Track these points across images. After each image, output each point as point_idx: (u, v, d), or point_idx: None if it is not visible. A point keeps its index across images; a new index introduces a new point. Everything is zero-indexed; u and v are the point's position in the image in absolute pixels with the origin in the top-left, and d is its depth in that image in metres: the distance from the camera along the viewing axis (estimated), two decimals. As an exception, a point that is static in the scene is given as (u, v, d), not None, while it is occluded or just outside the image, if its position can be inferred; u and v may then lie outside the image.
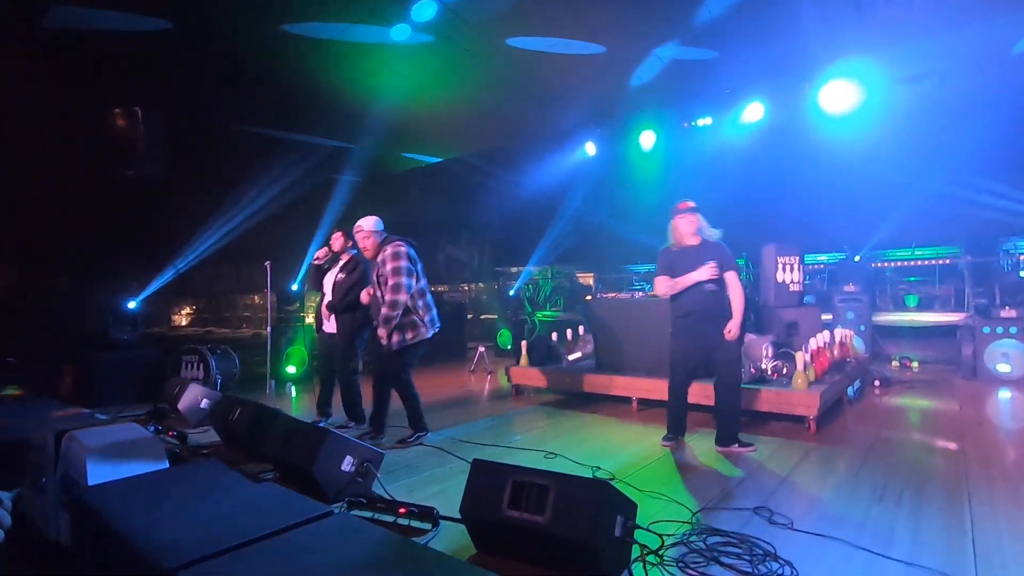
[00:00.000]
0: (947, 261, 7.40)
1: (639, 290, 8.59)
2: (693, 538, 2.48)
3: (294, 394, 6.73)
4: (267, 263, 6.74)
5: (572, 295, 9.92)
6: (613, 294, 6.70)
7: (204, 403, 4.82)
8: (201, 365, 6.14)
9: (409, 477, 3.48)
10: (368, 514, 2.77)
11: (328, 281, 4.77)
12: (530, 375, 5.98)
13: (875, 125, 6.97)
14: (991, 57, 6.19)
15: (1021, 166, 6.71)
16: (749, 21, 5.39)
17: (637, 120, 8.18)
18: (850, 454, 3.73)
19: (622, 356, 5.53)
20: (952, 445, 3.91)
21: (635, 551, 2.30)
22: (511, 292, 10.25)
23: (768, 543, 2.40)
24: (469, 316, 10.99)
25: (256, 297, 16.36)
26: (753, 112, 7.35)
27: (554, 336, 6.50)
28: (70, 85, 6.65)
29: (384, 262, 4.04)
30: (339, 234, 4.82)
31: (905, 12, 5.00)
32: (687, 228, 3.93)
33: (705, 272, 3.77)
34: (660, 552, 2.34)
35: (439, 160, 10.76)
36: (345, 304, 4.53)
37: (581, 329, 6.78)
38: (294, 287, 9.64)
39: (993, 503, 2.86)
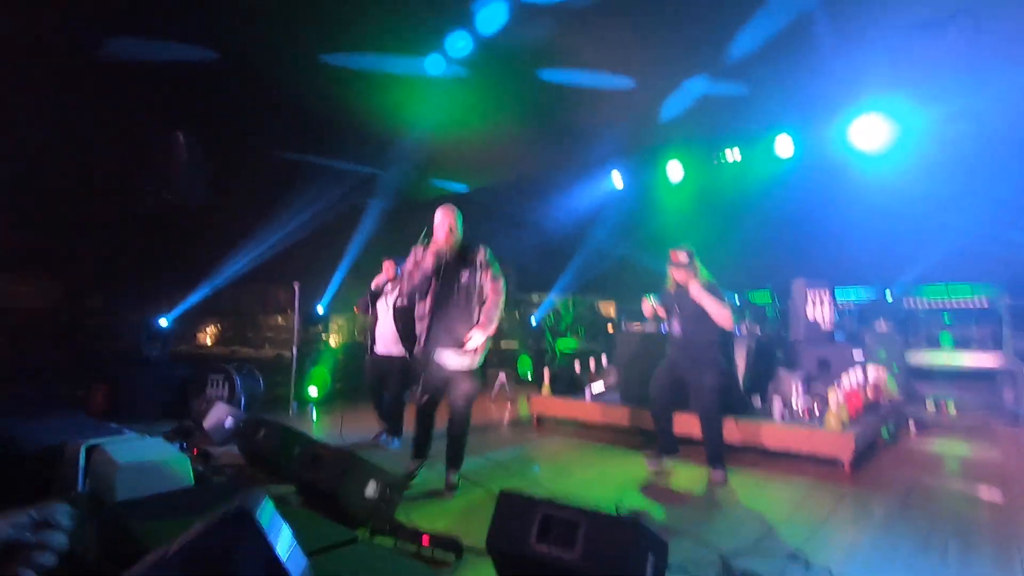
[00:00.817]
0: (985, 301, 7.17)
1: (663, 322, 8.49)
2: (726, 583, 2.38)
3: (315, 416, 6.74)
4: (295, 283, 6.85)
5: (594, 324, 9.85)
6: (637, 324, 6.63)
7: (229, 422, 4.85)
8: (227, 384, 6.20)
9: (431, 505, 3.43)
10: (391, 542, 2.73)
11: (384, 306, 5.00)
12: (553, 405, 5.91)
13: (908, 162, 6.87)
14: (1027, 96, 6.10)
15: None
16: (780, 57, 5.42)
17: (665, 153, 8.22)
18: (888, 500, 3.58)
19: (647, 390, 5.43)
20: (997, 497, 3.72)
21: (666, 594, 2.23)
22: (533, 320, 10.22)
23: (807, 592, 2.29)
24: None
25: (280, 318, 16.59)
26: (783, 147, 7.33)
27: (577, 366, 6.44)
28: (117, 112, 6.97)
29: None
30: (390, 263, 5.21)
31: (940, 53, 4.98)
32: (678, 277, 4.29)
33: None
34: (692, 596, 2.26)
35: (466, 189, 10.92)
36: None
37: (604, 359, 6.71)
38: (319, 309, 9.76)
39: (1046, 559, 2.70)
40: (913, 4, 4.55)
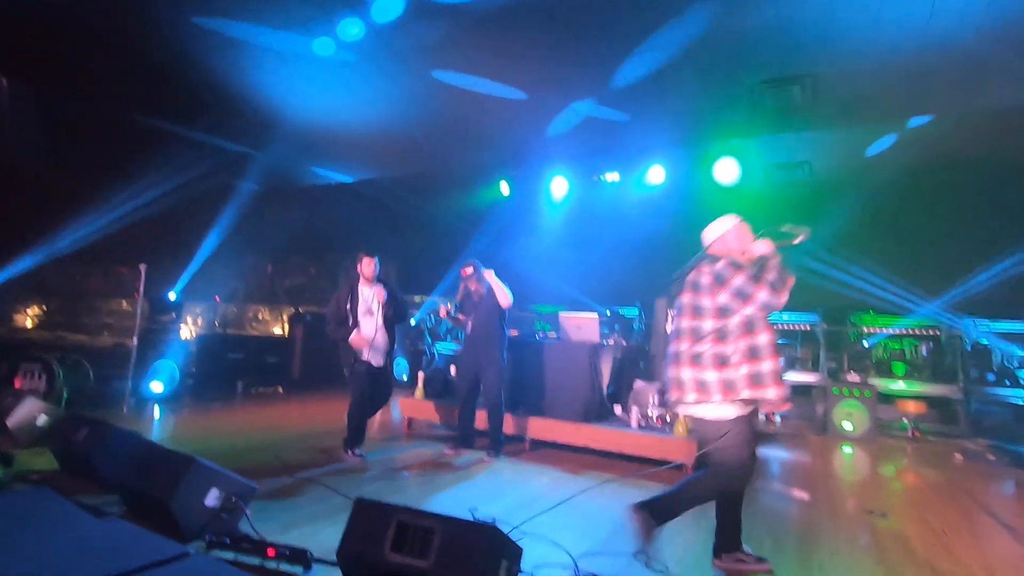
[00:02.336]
0: (808, 327, 8.32)
1: (540, 330, 8.78)
2: (575, 584, 2.49)
3: (157, 415, 6.03)
4: (142, 265, 6.11)
5: (474, 329, 9.91)
6: (514, 331, 6.78)
7: (42, 420, 4.17)
8: (44, 376, 5.34)
9: (285, 514, 3.21)
10: (231, 555, 2.50)
11: (369, 313, 4.69)
12: (424, 408, 5.83)
13: (753, 200, 7.80)
14: (851, 155, 7.22)
15: (866, 251, 7.78)
16: (657, 91, 5.87)
17: (551, 167, 8.54)
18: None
19: (518, 395, 5.56)
20: (805, 495, 4.31)
21: (517, 598, 2.27)
22: (412, 321, 10.05)
23: (645, 589, 2.46)
24: (366, 342, 10.58)
25: (124, 302, 14.70)
26: (655, 174, 7.95)
27: (452, 370, 6.42)
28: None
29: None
30: (371, 261, 4.79)
31: (785, 107, 5.72)
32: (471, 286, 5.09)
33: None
34: (542, 599, 2.32)
35: (350, 180, 10.47)
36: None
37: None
38: (172, 295, 8.78)
39: (836, 548, 3.17)
40: (762, 65, 5.16)
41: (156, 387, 6.76)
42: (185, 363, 7.22)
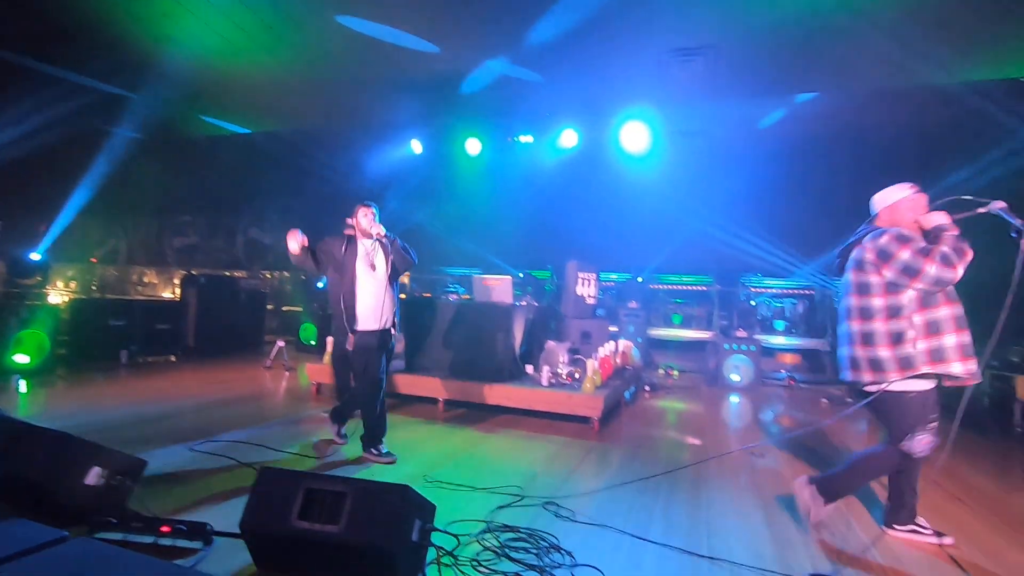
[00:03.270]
0: (704, 288, 8.95)
1: (453, 292, 8.75)
2: (487, 536, 2.57)
3: (24, 389, 5.40)
4: (-4, 222, 5.32)
5: (386, 292, 9.69)
6: (427, 294, 6.71)
7: None
8: None
9: (182, 489, 3.02)
10: (119, 536, 2.33)
11: (365, 270, 3.88)
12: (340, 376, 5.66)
13: (659, 167, 8.16)
14: (745, 127, 7.69)
15: (757, 217, 8.43)
16: (570, 53, 5.87)
17: (465, 126, 8.36)
18: (623, 450, 4.26)
19: (431, 357, 5.56)
20: (697, 441, 4.71)
21: (431, 553, 2.32)
22: (319, 284, 9.64)
23: (553, 536, 2.60)
24: (269, 307, 10.03)
25: (-24, 265, 12.83)
26: (568, 138, 8.03)
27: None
28: None
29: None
30: (368, 211, 4.00)
31: (689, 77, 5.95)
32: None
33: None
34: (455, 552, 2.39)
35: (247, 131, 9.65)
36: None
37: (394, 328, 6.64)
38: (34, 255, 7.77)
39: (722, 485, 3.51)
40: (670, 32, 5.31)
41: (21, 359, 6.03)
42: (56, 332, 6.46)
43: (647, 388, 7.01)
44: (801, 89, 6.55)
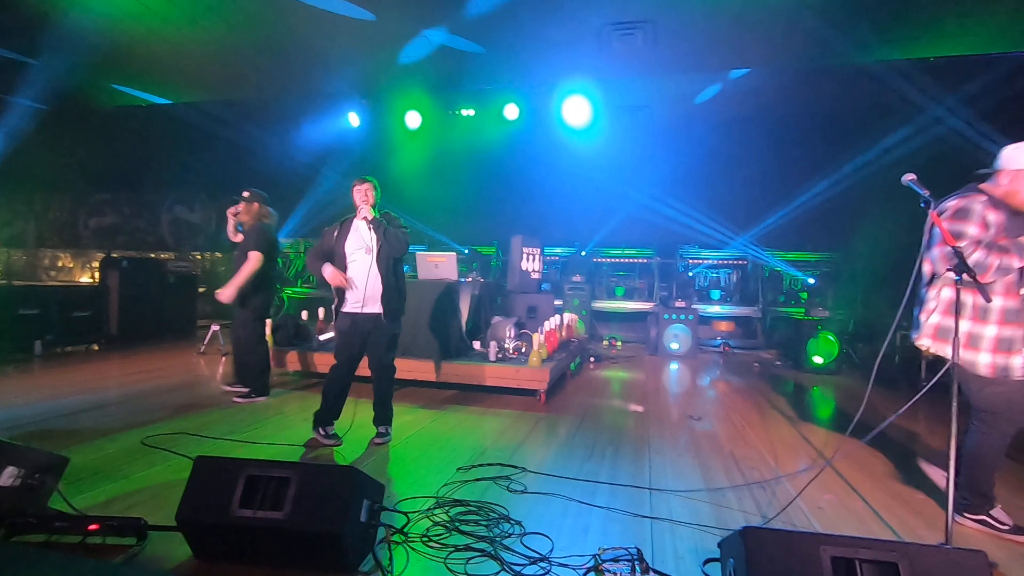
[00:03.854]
0: (645, 260, 9.20)
1: (397, 270, 8.59)
2: (437, 511, 2.59)
3: (-80, 388, 4.91)
4: None
5: (326, 272, 9.41)
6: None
7: None
8: None
9: (111, 484, 2.86)
10: (42, 538, 2.18)
11: (361, 251, 3.73)
12: (275, 357, 5.48)
13: (601, 141, 8.24)
14: (684, 102, 7.86)
15: (694, 191, 8.69)
16: (510, 23, 5.77)
17: (404, 99, 8.10)
18: (569, 421, 4.37)
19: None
20: (640, 408, 4.89)
21: (381, 532, 2.31)
22: (256, 265, 9.23)
23: (503, 507, 2.65)
24: (201, 289, 9.53)
25: None
26: (510, 112, 7.95)
27: (304, 315, 6.08)
28: None
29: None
30: (369, 187, 3.91)
31: (628, 51, 5.99)
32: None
33: None
34: (405, 530, 2.39)
35: (168, 102, 8.98)
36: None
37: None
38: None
39: (663, 448, 3.67)
40: (609, 5, 5.31)
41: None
42: None
43: (592, 359, 7.19)
44: (735, 65, 6.73)
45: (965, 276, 2.19)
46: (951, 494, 2.09)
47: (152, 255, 10.73)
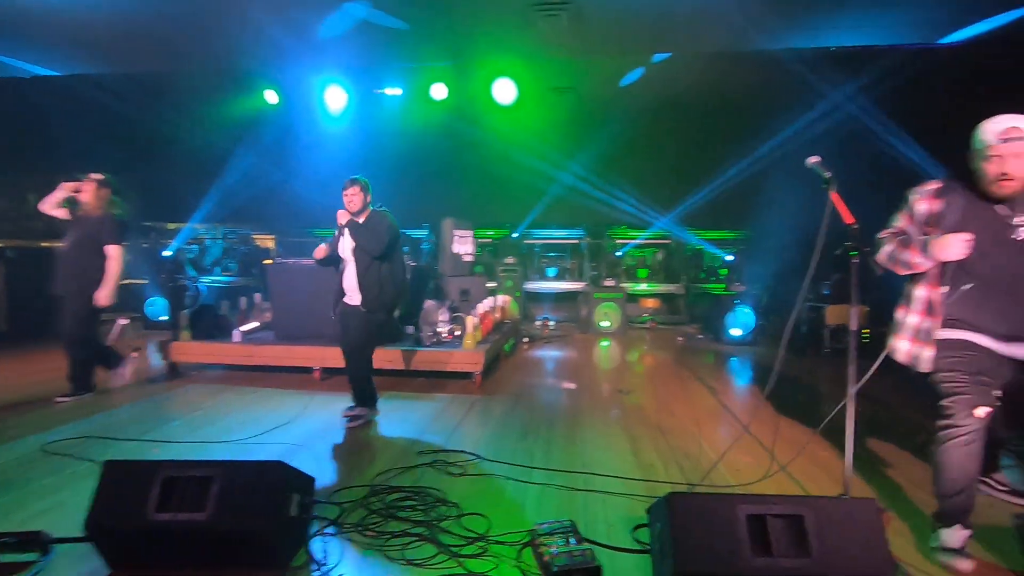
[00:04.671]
0: (576, 241, 9.38)
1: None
2: (372, 500, 2.55)
3: None
4: None
5: (249, 259, 8.92)
6: (294, 260, 6.25)
7: None
8: None
9: (5, 496, 2.61)
10: (-78, 562, 1.96)
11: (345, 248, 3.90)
12: (192, 350, 5.16)
13: (531, 123, 8.26)
14: (608, 85, 7.99)
15: (621, 173, 8.91)
16: (435, 1, 5.61)
17: (326, 76, 7.73)
18: (505, 401, 4.42)
19: (305, 324, 5.26)
20: (573, 385, 5.03)
21: (315, 526, 2.25)
22: (166, 253, 8.61)
23: (439, 490, 2.65)
24: (105, 281, 8.76)
25: None
26: (438, 91, 7.78)
27: (224, 305, 5.75)
28: None
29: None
30: (357, 189, 4.01)
31: (555, 31, 6.00)
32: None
33: None
34: (339, 521, 2.34)
35: (54, 73, 8.08)
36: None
37: (258, 297, 6.18)
38: None
39: (594, 423, 3.81)
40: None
41: None
42: None
43: (526, 340, 7.29)
44: (657, 49, 6.90)
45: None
46: (849, 449, 2.30)
47: (44, 244, 9.75)
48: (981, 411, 2.11)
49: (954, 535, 2.13)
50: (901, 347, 2.37)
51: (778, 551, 1.73)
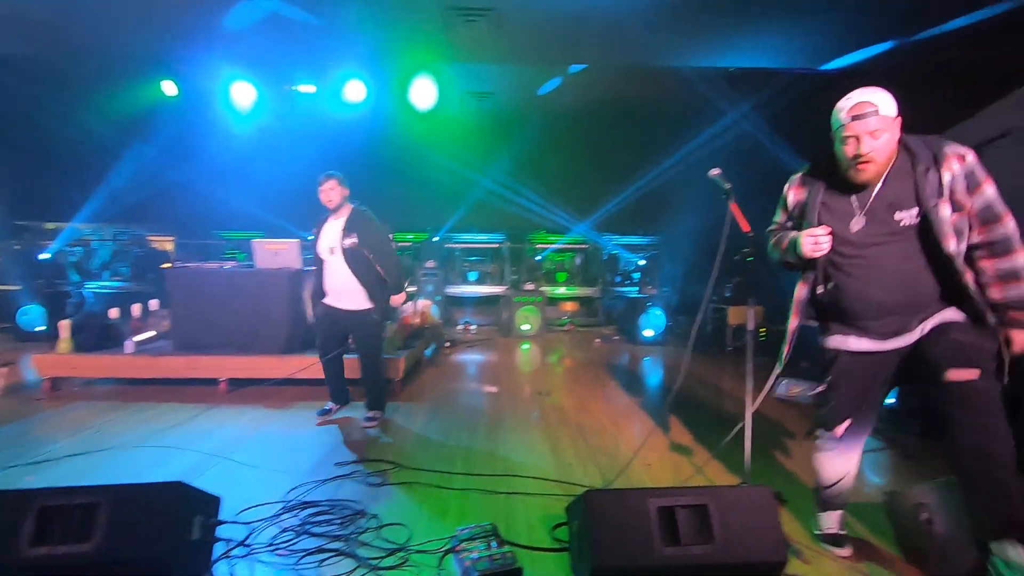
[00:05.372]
0: (496, 245, 9.45)
1: (232, 259, 7.81)
2: (285, 517, 2.43)
3: None
4: None
5: (143, 262, 8.21)
6: (196, 264, 5.83)
7: None
8: None
9: None
10: None
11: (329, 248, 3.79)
12: (75, 363, 4.67)
13: (452, 126, 8.24)
14: (528, 92, 8.13)
15: (540, 178, 9.10)
16: (354, -1, 5.46)
17: (231, 68, 7.27)
18: (426, 407, 4.37)
19: (209, 333, 4.91)
20: (494, 389, 5.06)
21: (221, 547, 2.11)
22: (44, 255, 7.74)
23: (357, 502, 2.57)
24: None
25: None
26: (355, 91, 7.55)
27: (113, 313, 5.26)
28: None
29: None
30: (335, 184, 3.87)
31: (475, 37, 6.02)
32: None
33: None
34: (248, 541, 2.21)
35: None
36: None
37: (154, 304, 5.70)
38: None
39: (515, 426, 3.85)
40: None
41: None
42: None
43: (447, 344, 7.24)
44: (573, 60, 7.12)
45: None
46: (747, 440, 2.48)
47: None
48: (839, 430, 2.15)
49: (830, 518, 2.31)
50: (783, 353, 2.32)
51: (686, 540, 1.83)
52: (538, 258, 9.41)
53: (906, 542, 2.25)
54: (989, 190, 1.88)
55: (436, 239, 9.22)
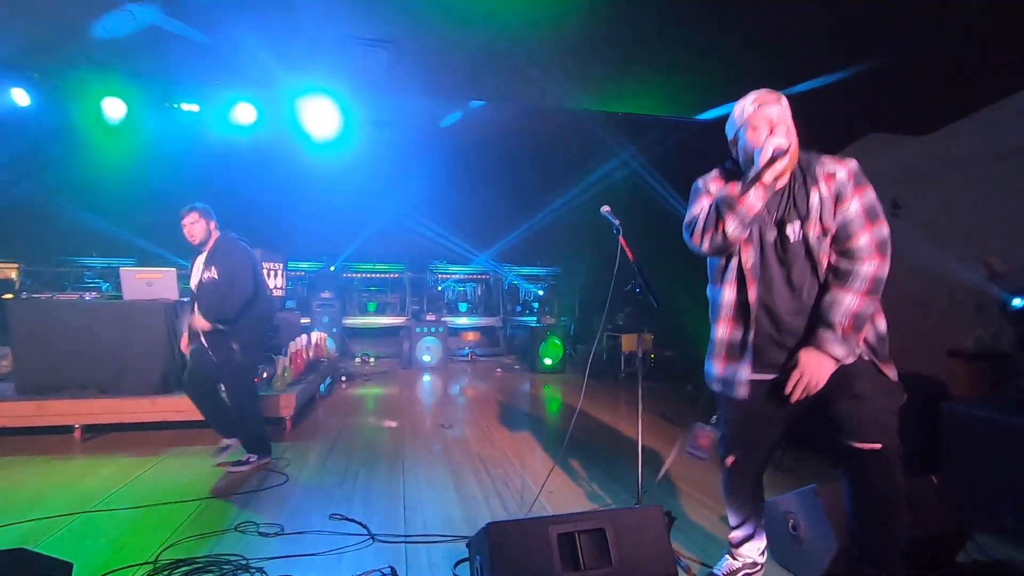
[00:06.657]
0: (396, 275, 9.29)
1: (94, 289, 6.97)
2: (154, 579, 2.17)
3: None
4: None
5: (-22, 293, 7.07)
6: (48, 295, 5.12)
7: None
8: None
9: None
10: None
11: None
12: None
13: (350, 155, 8.08)
14: (430, 124, 8.21)
15: (441, 209, 9.15)
16: (241, 15, 5.23)
17: (102, 81, 6.61)
18: (320, 445, 4.13)
19: (60, 374, 4.31)
20: (394, 423, 4.90)
21: (70, 624, 1.83)
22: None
23: (241, 556, 2.36)
24: None
25: None
26: (244, 113, 7.17)
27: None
28: None
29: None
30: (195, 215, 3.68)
31: (375, 66, 6.01)
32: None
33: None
34: (108, 612, 1.94)
35: None
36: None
37: (-8, 341, 4.92)
38: None
39: (417, 461, 3.75)
40: (351, 18, 5.25)
41: None
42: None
43: (344, 378, 6.93)
44: (472, 96, 7.33)
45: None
46: (640, 462, 2.62)
47: None
48: (728, 460, 2.10)
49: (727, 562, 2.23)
50: (713, 371, 2.04)
51: (588, 564, 1.88)
52: (440, 288, 9.38)
53: (779, 548, 2.47)
54: (854, 206, 1.74)
55: (332, 268, 8.90)
